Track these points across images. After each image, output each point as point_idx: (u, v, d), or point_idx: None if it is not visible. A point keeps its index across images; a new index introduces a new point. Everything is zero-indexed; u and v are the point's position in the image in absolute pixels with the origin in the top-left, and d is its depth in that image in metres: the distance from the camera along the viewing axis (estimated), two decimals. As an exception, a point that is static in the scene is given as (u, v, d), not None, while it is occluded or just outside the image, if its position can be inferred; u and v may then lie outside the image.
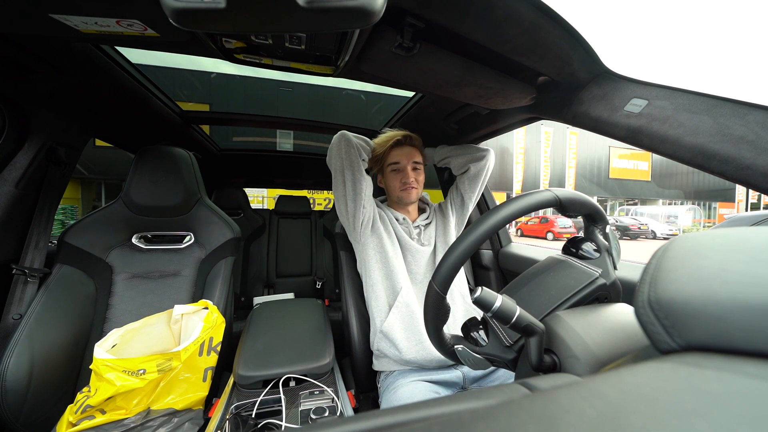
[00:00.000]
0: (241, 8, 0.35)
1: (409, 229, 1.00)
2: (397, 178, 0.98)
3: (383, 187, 1.06)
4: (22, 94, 0.81)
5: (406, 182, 0.96)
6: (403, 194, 0.98)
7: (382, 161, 1.01)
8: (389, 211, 1.01)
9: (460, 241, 0.43)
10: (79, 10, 0.49)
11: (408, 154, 0.97)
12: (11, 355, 0.74)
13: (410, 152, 0.98)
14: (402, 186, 0.97)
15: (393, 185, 0.99)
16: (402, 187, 0.97)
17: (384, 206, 1.04)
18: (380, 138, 1.00)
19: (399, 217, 1.01)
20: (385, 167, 1.00)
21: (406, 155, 0.97)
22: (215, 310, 0.93)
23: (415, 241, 0.98)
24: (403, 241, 0.97)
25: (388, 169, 1.00)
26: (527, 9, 0.51)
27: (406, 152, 0.98)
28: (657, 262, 0.23)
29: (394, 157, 0.98)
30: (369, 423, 0.19)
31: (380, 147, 0.98)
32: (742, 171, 0.44)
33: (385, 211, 1.01)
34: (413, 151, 0.99)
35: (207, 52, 0.66)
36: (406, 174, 0.96)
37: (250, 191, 2.77)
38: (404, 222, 1.01)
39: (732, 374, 0.15)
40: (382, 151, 0.98)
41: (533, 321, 0.38)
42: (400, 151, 0.98)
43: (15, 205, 0.86)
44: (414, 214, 1.06)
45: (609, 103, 0.61)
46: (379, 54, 0.63)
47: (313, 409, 0.69)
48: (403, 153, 0.97)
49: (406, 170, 0.96)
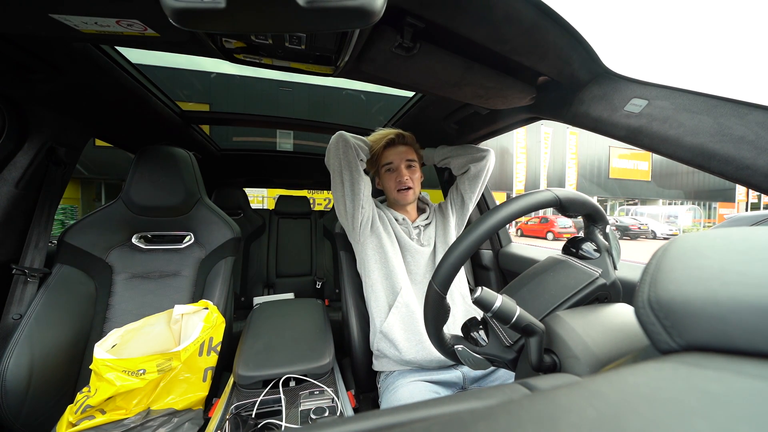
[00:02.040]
0: (241, 8, 0.35)
1: (409, 229, 1.00)
2: (392, 178, 0.98)
3: (381, 188, 1.06)
4: (22, 94, 0.81)
5: (401, 181, 0.96)
6: (399, 196, 0.98)
7: (377, 162, 1.01)
8: (389, 211, 1.01)
9: (460, 241, 0.43)
10: (79, 10, 0.49)
11: (401, 153, 0.98)
12: (11, 355, 0.74)
13: (403, 151, 0.98)
14: (397, 186, 0.97)
15: (389, 186, 1.00)
16: (398, 187, 0.97)
17: (384, 206, 1.04)
18: (372, 137, 1.00)
19: (398, 217, 1.01)
20: (380, 168, 1.01)
21: (399, 154, 0.98)
22: (215, 310, 0.93)
23: (414, 242, 0.98)
24: (402, 242, 0.97)
25: (383, 170, 1.00)
26: (527, 9, 0.51)
27: (399, 151, 0.98)
28: (657, 262, 0.23)
29: (387, 157, 0.98)
30: (369, 423, 0.19)
31: (372, 149, 0.99)
32: (743, 171, 0.44)
33: (385, 212, 1.01)
34: (406, 149, 0.99)
35: (207, 52, 0.66)
36: (400, 173, 0.96)
37: (250, 191, 2.77)
38: (404, 222, 1.00)
39: (732, 374, 0.15)
40: (376, 152, 0.99)
41: (533, 321, 0.38)
42: (393, 151, 0.98)
43: (15, 205, 0.86)
44: (413, 214, 1.06)
45: (609, 103, 0.61)
46: (379, 54, 0.63)
47: (313, 409, 0.69)
48: (396, 152, 0.98)
49: (399, 169, 0.97)
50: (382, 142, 0.97)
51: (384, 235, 0.95)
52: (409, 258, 0.96)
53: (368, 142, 0.96)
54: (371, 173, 1.05)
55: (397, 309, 0.88)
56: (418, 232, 1.01)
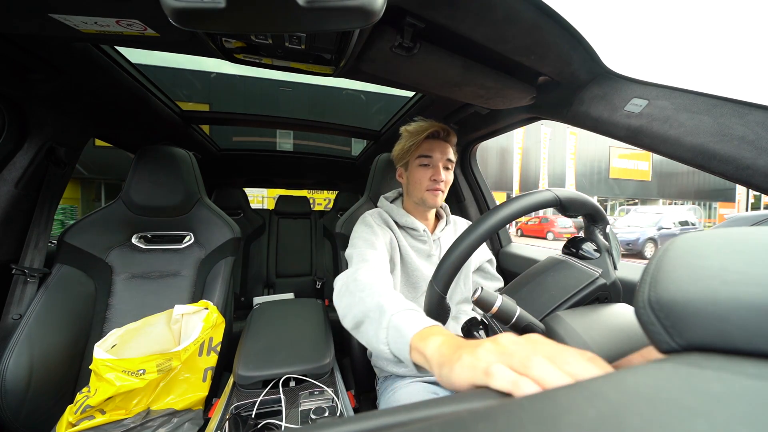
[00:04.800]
0: (241, 8, 0.35)
1: (429, 244, 0.89)
2: (427, 174, 0.84)
3: (402, 182, 0.92)
4: (22, 94, 0.81)
5: (437, 179, 0.83)
6: (428, 196, 0.84)
7: (409, 153, 0.86)
8: (405, 227, 0.88)
9: (461, 241, 0.43)
10: (79, 10, 0.49)
11: (443, 149, 0.84)
12: (11, 355, 0.74)
13: (445, 148, 0.85)
14: (430, 184, 0.83)
15: (420, 181, 0.84)
16: (430, 185, 0.84)
17: (397, 211, 0.89)
18: (412, 126, 0.86)
19: (418, 227, 0.87)
20: (413, 160, 0.86)
21: (441, 150, 0.84)
22: (215, 310, 0.93)
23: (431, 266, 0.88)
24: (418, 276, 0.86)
25: (415, 162, 0.85)
26: (527, 9, 0.51)
27: (442, 147, 0.84)
28: (657, 262, 0.23)
29: (427, 149, 0.83)
30: (369, 423, 0.19)
31: (411, 137, 0.85)
32: (743, 171, 0.44)
33: (399, 236, 0.86)
34: (448, 147, 0.86)
35: (207, 52, 0.66)
36: (437, 171, 0.82)
37: (250, 191, 2.76)
38: (424, 234, 0.88)
39: (732, 374, 0.15)
40: (414, 142, 0.84)
41: (533, 321, 0.38)
42: (435, 144, 0.84)
43: (15, 205, 0.86)
44: (433, 221, 0.95)
45: (609, 103, 0.61)
46: (379, 54, 0.63)
47: (313, 409, 0.69)
48: (439, 147, 0.84)
49: (438, 167, 0.83)
50: (426, 132, 0.83)
51: (403, 276, 0.86)
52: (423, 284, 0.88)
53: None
54: (396, 163, 0.92)
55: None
56: (437, 247, 0.91)
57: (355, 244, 0.79)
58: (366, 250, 0.74)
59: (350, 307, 0.56)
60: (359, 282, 0.59)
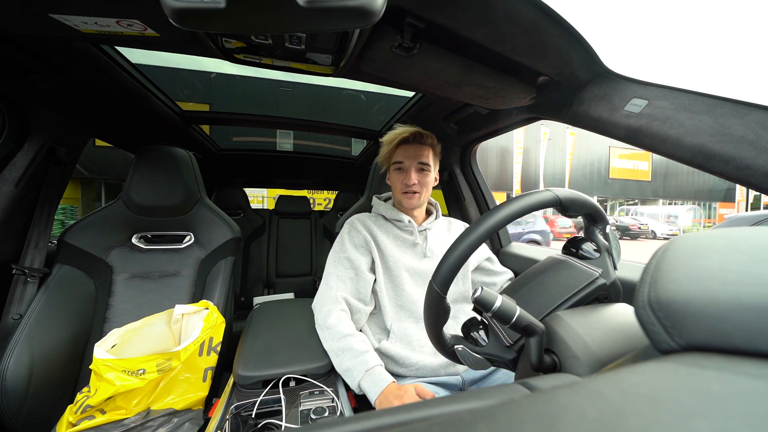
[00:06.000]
0: (241, 8, 0.35)
1: (414, 234, 0.94)
2: (399, 179, 0.93)
3: (390, 184, 1.00)
4: (22, 94, 0.81)
5: (407, 184, 0.91)
6: (403, 198, 0.93)
7: (387, 160, 0.96)
8: (391, 220, 0.96)
9: (460, 241, 0.43)
10: (79, 10, 0.49)
11: (414, 153, 0.91)
12: (11, 355, 0.74)
13: (417, 151, 0.91)
14: (403, 188, 0.92)
15: (395, 185, 0.95)
16: (403, 188, 0.92)
17: (385, 207, 0.98)
18: (389, 134, 0.95)
19: (404, 218, 0.94)
20: (390, 166, 0.95)
21: (412, 155, 0.91)
22: (215, 310, 0.93)
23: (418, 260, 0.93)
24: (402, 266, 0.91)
25: (393, 168, 0.94)
26: (527, 9, 0.51)
27: (413, 151, 0.91)
28: (657, 262, 0.23)
29: (399, 155, 0.92)
30: (369, 423, 0.19)
31: (386, 145, 0.94)
32: (743, 171, 0.44)
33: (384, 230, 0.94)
34: (422, 149, 0.92)
35: (207, 52, 0.66)
36: (408, 175, 0.90)
37: (250, 191, 2.77)
38: (409, 225, 0.94)
39: (732, 374, 0.15)
40: (388, 150, 0.94)
41: (533, 321, 0.38)
42: (406, 150, 0.92)
43: (15, 205, 0.86)
44: (420, 216, 1.00)
45: (609, 103, 0.61)
46: (379, 54, 0.63)
47: (313, 409, 0.69)
48: (409, 152, 0.91)
49: (408, 171, 0.90)
50: (397, 139, 0.92)
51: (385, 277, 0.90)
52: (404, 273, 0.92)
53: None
54: (383, 168, 1.01)
55: (394, 335, 0.86)
56: (423, 237, 0.96)
57: (327, 264, 0.93)
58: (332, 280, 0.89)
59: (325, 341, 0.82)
60: (332, 330, 0.81)
